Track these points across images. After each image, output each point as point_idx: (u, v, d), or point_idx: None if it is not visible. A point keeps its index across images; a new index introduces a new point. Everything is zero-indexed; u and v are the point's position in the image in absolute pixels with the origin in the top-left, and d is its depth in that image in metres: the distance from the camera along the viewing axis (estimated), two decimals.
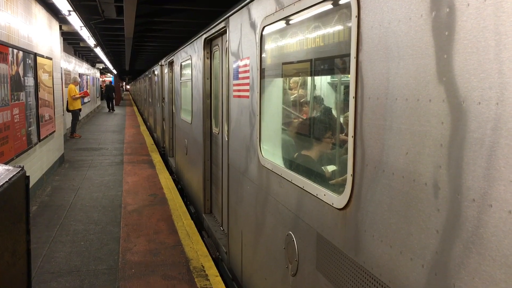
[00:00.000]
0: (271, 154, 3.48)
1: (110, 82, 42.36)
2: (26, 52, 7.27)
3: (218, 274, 4.73)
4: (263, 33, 3.36)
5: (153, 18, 10.75)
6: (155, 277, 4.61)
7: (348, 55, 2.12)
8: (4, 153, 5.96)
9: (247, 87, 3.82)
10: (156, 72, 14.35)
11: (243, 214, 4.09)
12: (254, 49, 3.57)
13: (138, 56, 23.89)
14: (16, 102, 6.63)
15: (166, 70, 11.23)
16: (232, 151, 4.43)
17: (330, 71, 2.97)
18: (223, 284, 4.52)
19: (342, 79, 2.66)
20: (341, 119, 2.56)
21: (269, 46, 3.46)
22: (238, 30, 4.09)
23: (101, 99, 35.96)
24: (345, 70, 2.33)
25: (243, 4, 3.84)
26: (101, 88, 36.84)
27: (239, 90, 4.09)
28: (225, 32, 4.70)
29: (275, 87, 3.58)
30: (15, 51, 6.59)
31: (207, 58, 5.89)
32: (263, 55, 3.45)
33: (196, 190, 6.78)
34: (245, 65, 3.86)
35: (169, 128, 10.82)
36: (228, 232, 4.71)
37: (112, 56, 25.34)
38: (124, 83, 66.32)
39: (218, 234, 5.31)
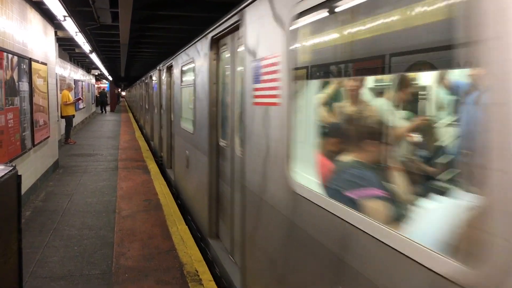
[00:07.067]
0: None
1: (104, 89, 43.43)
2: (21, 57, 7.26)
3: (212, 279, 4.70)
4: (292, 26, 2.66)
5: (148, 24, 10.80)
6: (148, 282, 4.58)
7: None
8: None
9: (275, 92, 2.98)
10: (153, 78, 14.21)
11: (268, 251, 3.21)
12: (282, 44, 2.82)
13: (133, 62, 23.94)
14: (11, 107, 6.61)
15: (164, 75, 10.96)
16: (250, 170, 3.57)
17: None
18: None
19: None
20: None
21: (306, 39, 2.68)
22: (259, 22, 3.30)
23: (96, 106, 36.18)
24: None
25: None
26: (96, 96, 37.35)
27: (263, 96, 3.25)
28: (237, 28, 4.00)
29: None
30: (10, 56, 6.58)
31: (214, 60, 5.13)
32: (295, 51, 2.70)
33: (199, 209, 6.07)
34: (273, 64, 3.03)
35: (167, 137, 10.40)
36: (243, 267, 3.89)
37: (107, 62, 25.37)
38: (119, 90, 66.22)
39: (228, 266, 4.59)
